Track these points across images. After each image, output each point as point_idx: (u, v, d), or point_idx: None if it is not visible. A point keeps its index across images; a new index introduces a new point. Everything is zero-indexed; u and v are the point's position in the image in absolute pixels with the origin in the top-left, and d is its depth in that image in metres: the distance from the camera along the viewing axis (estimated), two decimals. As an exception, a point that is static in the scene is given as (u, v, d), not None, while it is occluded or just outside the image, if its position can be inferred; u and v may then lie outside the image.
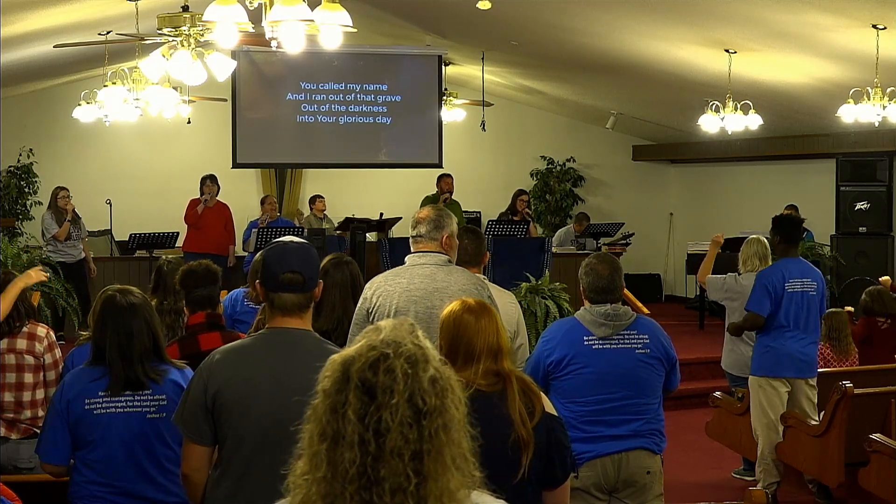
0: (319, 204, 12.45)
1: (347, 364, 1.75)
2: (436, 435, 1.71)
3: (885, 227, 11.41)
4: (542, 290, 8.33)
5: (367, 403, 1.71)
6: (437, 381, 1.75)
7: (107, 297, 3.55)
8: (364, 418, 1.70)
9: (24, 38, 9.15)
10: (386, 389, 1.71)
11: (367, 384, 1.72)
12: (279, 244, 3.05)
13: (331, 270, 4.61)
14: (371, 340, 1.78)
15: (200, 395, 2.94)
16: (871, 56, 7.79)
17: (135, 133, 13.36)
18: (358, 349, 1.77)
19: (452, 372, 1.81)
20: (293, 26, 4.76)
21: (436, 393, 1.74)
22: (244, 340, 3.08)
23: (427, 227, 4.10)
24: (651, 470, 4.03)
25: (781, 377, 6.31)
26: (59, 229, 10.69)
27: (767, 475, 6.36)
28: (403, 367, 1.73)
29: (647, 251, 14.96)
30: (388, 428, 1.69)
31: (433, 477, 1.71)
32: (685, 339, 11.11)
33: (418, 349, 1.77)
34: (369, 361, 1.74)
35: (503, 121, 14.70)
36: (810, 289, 6.29)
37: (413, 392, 1.72)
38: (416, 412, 1.71)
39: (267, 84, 12.23)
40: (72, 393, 3.48)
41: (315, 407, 1.78)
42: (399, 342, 1.77)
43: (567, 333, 4.08)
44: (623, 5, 8.60)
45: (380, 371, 1.72)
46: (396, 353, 1.74)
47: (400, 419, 1.70)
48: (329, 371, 1.78)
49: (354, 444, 1.70)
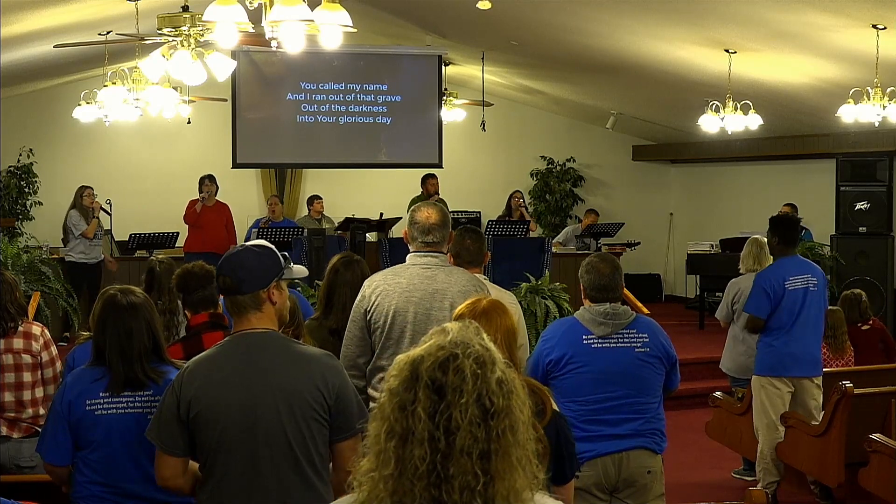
0: (317, 205, 12.42)
1: (416, 363, 1.77)
2: (503, 435, 1.74)
3: (885, 227, 11.41)
4: (542, 290, 8.35)
5: (436, 402, 1.73)
6: (504, 382, 1.77)
7: (108, 297, 3.56)
8: (434, 416, 1.72)
9: (24, 38, 9.15)
10: (456, 389, 1.73)
11: (437, 383, 1.74)
12: (234, 248, 3.14)
13: (341, 269, 4.61)
14: (440, 341, 1.80)
15: (174, 409, 2.98)
16: (871, 56, 7.79)
17: (135, 133, 13.37)
18: (427, 349, 1.79)
19: (517, 375, 1.83)
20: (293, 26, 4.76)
21: (503, 394, 1.76)
22: (210, 350, 3.10)
23: (441, 233, 4.10)
24: (652, 469, 4.03)
25: (785, 377, 6.31)
26: (88, 227, 10.84)
27: (767, 475, 6.36)
28: (472, 367, 1.75)
29: (647, 251, 14.95)
30: (458, 426, 1.71)
31: (500, 476, 1.73)
32: (685, 339, 11.11)
33: (486, 351, 1.79)
34: (439, 361, 1.76)
35: (503, 121, 14.70)
36: (811, 285, 6.28)
37: (481, 392, 1.74)
38: (484, 412, 1.73)
39: (267, 84, 12.23)
40: (72, 393, 3.48)
41: (382, 405, 1.79)
42: (468, 343, 1.79)
43: (566, 332, 4.08)
44: (623, 5, 8.60)
45: (449, 370, 1.74)
46: (465, 353, 1.76)
47: (469, 418, 1.71)
48: (396, 370, 1.80)
49: (424, 441, 1.71)
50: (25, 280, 9.83)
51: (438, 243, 4.09)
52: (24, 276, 9.91)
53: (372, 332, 4.01)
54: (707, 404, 7.39)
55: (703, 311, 12.21)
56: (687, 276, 14.10)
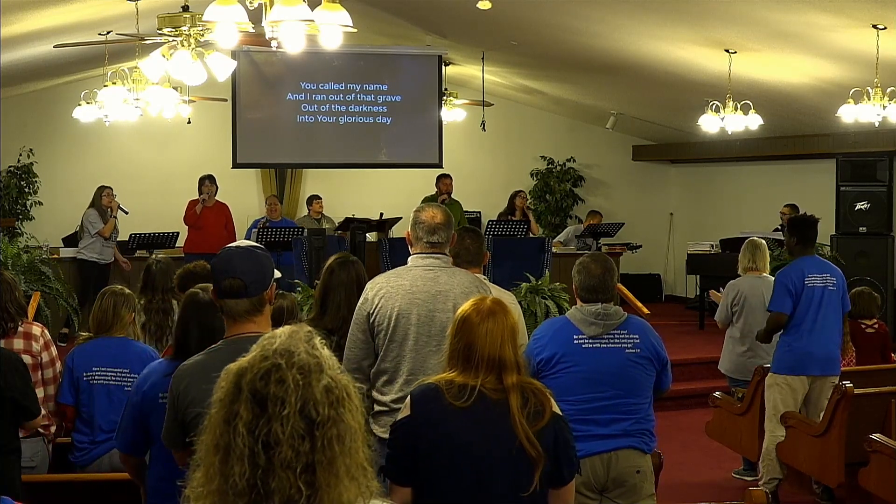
0: (317, 205, 12.40)
1: (240, 375, 1.72)
2: (329, 445, 1.68)
3: (885, 227, 11.41)
4: (542, 290, 8.34)
5: (258, 415, 1.68)
6: (332, 389, 1.71)
7: (190, 294, 3.58)
8: (254, 431, 1.67)
9: (24, 38, 9.15)
10: (277, 401, 1.68)
11: (259, 395, 1.69)
12: (226, 250, 3.07)
13: (336, 270, 4.59)
14: (264, 350, 1.74)
15: (173, 413, 3.00)
16: (871, 56, 7.79)
17: (135, 133, 13.37)
18: (251, 359, 1.74)
19: (351, 379, 1.77)
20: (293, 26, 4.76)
21: (329, 403, 1.70)
22: (201, 356, 3.06)
23: (446, 233, 4.10)
24: (641, 469, 4.01)
25: (803, 375, 6.31)
26: (105, 226, 10.92)
27: (770, 472, 6.36)
28: (295, 377, 1.69)
29: (647, 251, 14.95)
30: (279, 440, 1.66)
31: (326, 488, 1.68)
32: (685, 339, 11.12)
33: (312, 358, 1.73)
34: (261, 372, 1.70)
35: (503, 121, 14.70)
36: (830, 284, 6.30)
37: (305, 403, 1.68)
38: (309, 423, 1.68)
39: (267, 84, 12.24)
40: (146, 384, 3.50)
41: (210, 417, 1.74)
42: (292, 351, 1.73)
43: (557, 332, 4.07)
44: (623, 5, 8.60)
45: (271, 382, 1.69)
46: (289, 363, 1.71)
47: (291, 431, 1.67)
48: (224, 381, 1.75)
49: (245, 458, 1.67)
50: (25, 280, 9.83)
51: (443, 243, 4.09)
52: (24, 276, 9.91)
53: (375, 334, 4.00)
54: (707, 404, 7.39)
55: (703, 312, 12.21)
56: (687, 277, 14.10)
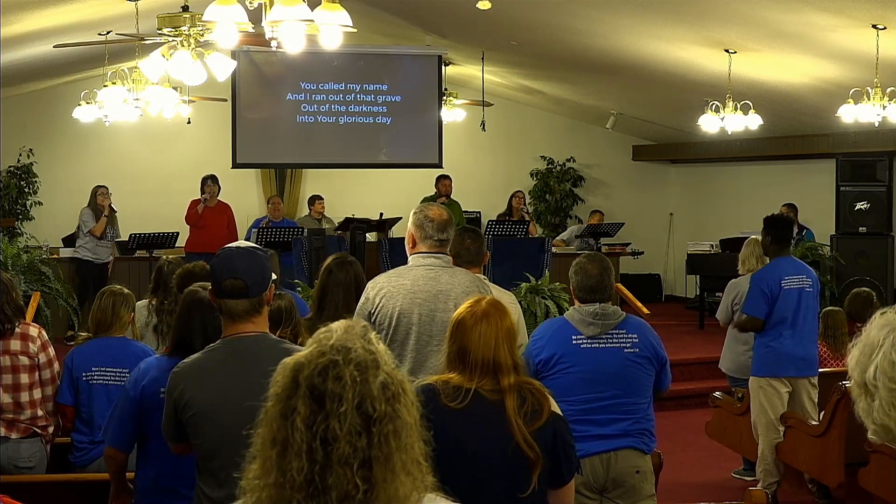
0: (318, 205, 12.40)
1: (297, 370, 1.73)
2: (385, 441, 1.70)
3: (885, 227, 11.41)
4: (542, 290, 8.35)
5: (315, 411, 1.69)
6: (388, 386, 1.73)
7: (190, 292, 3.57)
8: (312, 426, 1.68)
9: (24, 38, 9.15)
10: (334, 397, 1.69)
11: (316, 392, 1.70)
12: (226, 250, 3.08)
13: (334, 270, 4.59)
14: (321, 345, 1.75)
15: (172, 412, 2.99)
16: (871, 56, 7.79)
17: (135, 133, 13.36)
18: (308, 355, 1.75)
19: (405, 375, 1.80)
20: (293, 26, 4.76)
21: (386, 399, 1.72)
22: (200, 355, 3.06)
23: (452, 231, 4.12)
24: (640, 469, 4.00)
25: (782, 377, 6.31)
26: (96, 225, 10.95)
27: (767, 475, 6.36)
28: (353, 373, 1.71)
29: (647, 251, 14.95)
30: (336, 437, 1.68)
31: (382, 483, 1.69)
32: (685, 339, 11.12)
33: (369, 354, 1.75)
34: (318, 368, 1.72)
35: (503, 121, 14.70)
36: (806, 285, 6.31)
37: (363, 399, 1.70)
38: (366, 419, 1.70)
39: (267, 84, 12.24)
40: (146, 379, 3.48)
41: (267, 411, 1.76)
42: (349, 347, 1.74)
43: (555, 333, 4.07)
44: (623, 5, 8.60)
45: (329, 378, 1.70)
46: (346, 359, 1.72)
47: (348, 427, 1.68)
48: (280, 376, 1.76)
49: (302, 453, 1.68)
50: (25, 280, 9.83)
51: (448, 242, 4.11)
52: (24, 276, 9.91)
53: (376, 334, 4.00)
54: (707, 404, 7.39)
55: (703, 311, 12.21)
56: (687, 276, 14.10)
